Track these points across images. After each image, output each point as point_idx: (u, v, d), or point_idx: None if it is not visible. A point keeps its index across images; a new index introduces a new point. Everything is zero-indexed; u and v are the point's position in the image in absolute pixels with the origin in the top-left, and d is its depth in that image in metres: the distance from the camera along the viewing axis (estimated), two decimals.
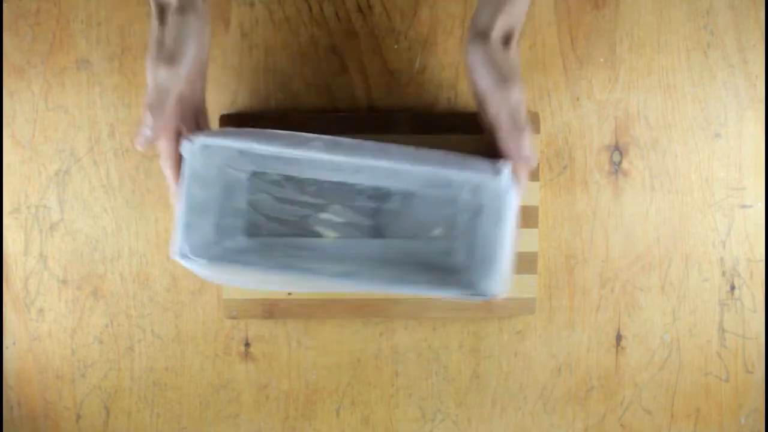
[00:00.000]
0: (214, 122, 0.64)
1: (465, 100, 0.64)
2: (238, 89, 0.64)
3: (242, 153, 0.57)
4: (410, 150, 0.56)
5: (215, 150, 0.54)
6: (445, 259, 0.61)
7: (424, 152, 0.53)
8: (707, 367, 0.66)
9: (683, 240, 0.65)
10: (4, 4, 0.63)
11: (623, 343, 0.66)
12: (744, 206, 0.65)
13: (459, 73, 0.64)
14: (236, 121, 0.63)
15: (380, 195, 0.62)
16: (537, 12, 0.64)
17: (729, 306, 0.66)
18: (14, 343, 0.65)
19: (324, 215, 0.62)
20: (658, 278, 0.65)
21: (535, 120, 0.63)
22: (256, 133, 0.52)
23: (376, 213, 0.62)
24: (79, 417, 0.66)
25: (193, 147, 0.52)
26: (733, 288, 0.65)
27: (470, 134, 0.62)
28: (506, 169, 0.52)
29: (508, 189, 0.52)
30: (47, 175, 0.64)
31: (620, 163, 0.65)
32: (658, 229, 0.65)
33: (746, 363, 0.66)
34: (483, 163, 0.53)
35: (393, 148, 0.56)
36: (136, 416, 0.66)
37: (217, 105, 0.64)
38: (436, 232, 0.62)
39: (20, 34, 0.63)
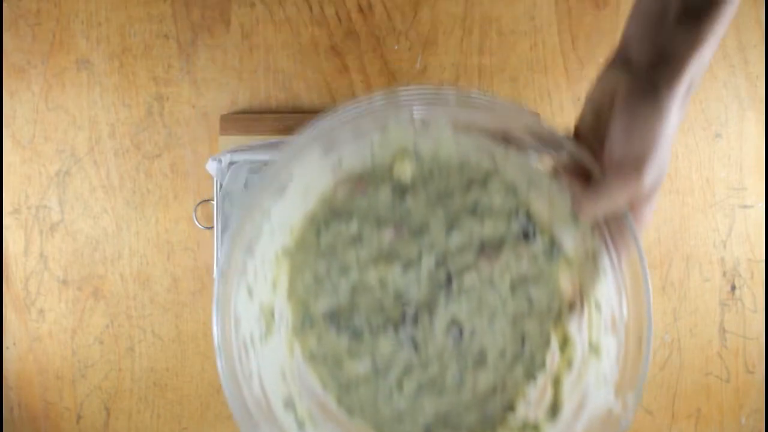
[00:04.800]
0: (214, 123, 0.64)
1: None
2: (238, 89, 0.64)
3: (267, 164, 0.58)
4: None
5: (242, 165, 0.55)
6: None
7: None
8: (708, 368, 0.66)
9: (684, 240, 0.65)
10: (4, 4, 0.63)
11: None
12: (745, 206, 0.65)
13: (459, 72, 0.64)
14: (236, 121, 0.63)
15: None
16: (537, 12, 0.64)
17: (730, 306, 0.66)
18: (14, 344, 0.65)
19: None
20: (659, 278, 0.65)
21: None
22: (281, 143, 0.53)
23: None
24: (79, 418, 0.66)
25: (220, 165, 0.53)
26: (733, 288, 0.65)
27: None
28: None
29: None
30: (47, 176, 0.64)
31: None
32: (658, 229, 0.65)
33: (747, 363, 0.66)
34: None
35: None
36: (136, 417, 0.65)
37: (217, 105, 0.64)
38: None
39: (20, 34, 0.63)
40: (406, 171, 0.42)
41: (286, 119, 0.63)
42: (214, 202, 0.55)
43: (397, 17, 0.64)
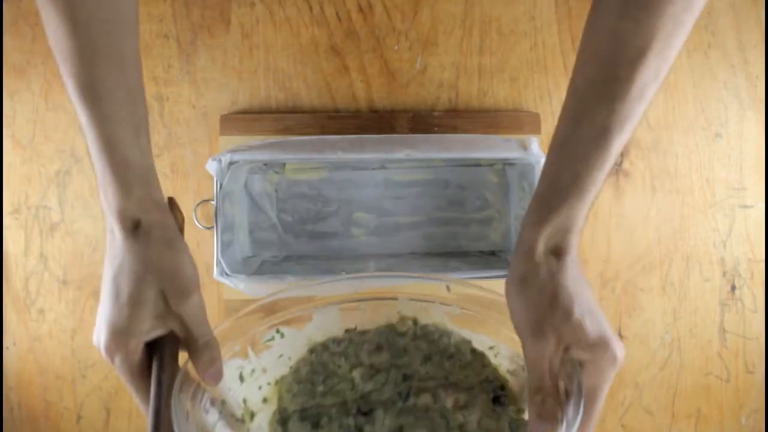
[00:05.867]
0: (214, 123, 0.63)
1: (465, 100, 0.64)
2: (238, 89, 0.64)
3: (267, 164, 0.59)
4: (434, 137, 0.57)
5: (242, 165, 0.55)
6: (481, 244, 0.62)
7: (449, 137, 0.54)
8: (708, 368, 0.66)
9: (684, 240, 0.65)
10: (4, 4, 0.63)
11: (624, 343, 0.66)
12: (745, 206, 0.65)
13: (459, 72, 0.64)
14: (236, 121, 0.63)
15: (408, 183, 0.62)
16: (538, 12, 0.64)
17: (730, 306, 0.66)
18: (14, 344, 0.65)
19: (358, 214, 0.63)
20: (659, 278, 0.65)
21: (535, 120, 0.63)
22: (281, 143, 0.53)
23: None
24: (79, 418, 0.66)
25: (220, 165, 0.53)
26: (733, 288, 0.65)
27: (470, 134, 0.62)
28: (533, 143, 0.53)
29: (537, 163, 0.53)
30: (47, 176, 0.64)
31: (621, 163, 0.65)
32: (659, 229, 0.65)
33: (747, 363, 0.66)
34: (509, 142, 0.55)
35: (417, 138, 0.57)
36: (136, 417, 0.65)
37: (217, 105, 0.64)
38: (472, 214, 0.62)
39: (20, 34, 0.63)
40: (407, 328, 0.47)
41: (286, 119, 0.62)
42: (214, 202, 0.55)
43: (397, 17, 0.64)
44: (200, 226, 0.63)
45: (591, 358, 0.35)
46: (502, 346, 0.44)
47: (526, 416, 0.43)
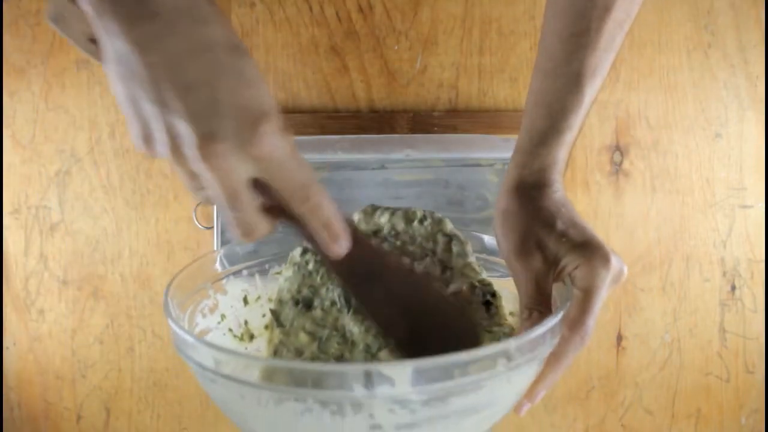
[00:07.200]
0: None
1: (465, 100, 0.64)
2: None
3: None
4: (434, 137, 0.57)
5: None
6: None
7: (449, 137, 0.54)
8: (708, 368, 0.66)
9: (684, 240, 0.65)
10: (4, 4, 0.63)
11: (624, 343, 0.66)
12: (745, 206, 0.65)
13: (459, 73, 0.64)
14: None
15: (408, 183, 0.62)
16: (538, 12, 0.64)
17: (730, 306, 0.66)
18: (14, 344, 0.65)
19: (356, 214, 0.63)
20: (659, 278, 0.65)
21: None
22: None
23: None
24: (79, 418, 0.66)
25: None
26: (733, 288, 0.65)
27: (470, 134, 0.62)
28: None
29: None
30: (47, 176, 0.64)
31: (621, 163, 0.65)
32: (658, 229, 0.65)
33: (747, 363, 0.66)
34: (509, 142, 0.55)
35: (417, 138, 0.57)
36: (136, 417, 0.65)
37: None
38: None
39: (20, 34, 0.63)
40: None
41: (285, 119, 0.63)
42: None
43: (397, 17, 0.64)
44: (200, 227, 0.63)
45: (581, 261, 0.36)
46: (506, 292, 0.42)
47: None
